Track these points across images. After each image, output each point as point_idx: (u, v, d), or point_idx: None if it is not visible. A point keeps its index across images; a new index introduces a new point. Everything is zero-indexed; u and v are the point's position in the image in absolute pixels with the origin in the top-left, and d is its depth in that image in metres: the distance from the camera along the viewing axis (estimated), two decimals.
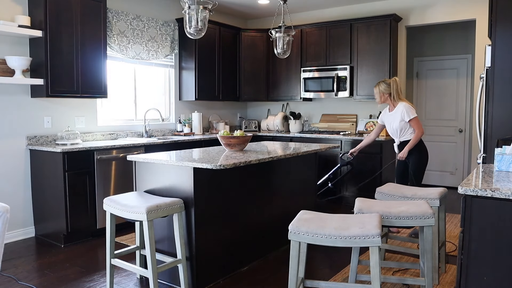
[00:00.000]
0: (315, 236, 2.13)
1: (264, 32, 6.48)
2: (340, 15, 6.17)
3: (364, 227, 2.12)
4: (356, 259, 2.66)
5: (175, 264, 2.81)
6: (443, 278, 3.15)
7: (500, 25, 3.01)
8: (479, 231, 1.87)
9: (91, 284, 3.09)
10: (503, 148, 2.40)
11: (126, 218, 2.73)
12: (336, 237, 2.10)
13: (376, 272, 2.10)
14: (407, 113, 4.02)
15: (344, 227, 2.15)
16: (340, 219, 2.30)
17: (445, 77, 6.77)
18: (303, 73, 6.12)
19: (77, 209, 4.02)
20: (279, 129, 6.50)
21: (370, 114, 5.99)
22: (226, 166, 2.79)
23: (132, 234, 4.26)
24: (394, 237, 3.37)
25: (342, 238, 2.10)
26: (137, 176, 3.25)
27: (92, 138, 4.77)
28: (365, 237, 2.07)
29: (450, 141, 6.79)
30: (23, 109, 4.17)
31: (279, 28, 4.52)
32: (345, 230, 2.12)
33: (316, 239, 2.14)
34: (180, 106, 6.01)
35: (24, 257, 3.65)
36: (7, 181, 4.06)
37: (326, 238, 2.12)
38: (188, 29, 3.06)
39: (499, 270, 1.83)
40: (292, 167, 3.95)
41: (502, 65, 3.03)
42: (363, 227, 2.13)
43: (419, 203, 2.69)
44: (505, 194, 1.77)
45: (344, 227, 2.15)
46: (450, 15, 5.42)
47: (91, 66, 4.38)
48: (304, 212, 2.45)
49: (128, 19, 5.07)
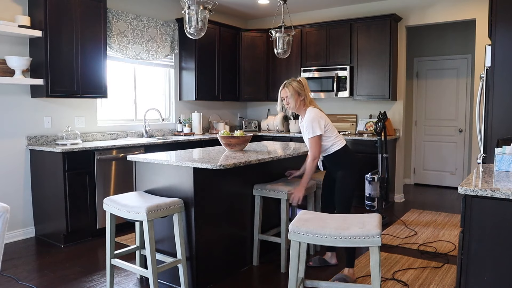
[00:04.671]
0: (315, 236, 2.14)
1: (264, 32, 6.48)
2: (340, 15, 6.17)
3: (364, 227, 2.13)
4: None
5: (175, 264, 2.81)
6: (443, 278, 3.15)
7: (500, 25, 3.01)
8: (479, 231, 1.87)
9: (91, 284, 3.08)
10: (503, 148, 2.40)
11: (126, 218, 2.73)
12: (336, 237, 2.11)
13: (376, 272, 2.10)
14: (309, 126, 3.04)
15: (344, 227, 2.15)
16: (340, 219, 2.31)
17: (445, 77, 6.77)
18: (303, 73, 6.11)
19: (77, 209, 4.02)
20: (279, 129, 6.50)
21: (370, 114, 5.99)
22: (226, 166, 2.79)
23: (132, 234, 4.26)
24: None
25: (342, 238, 2.10)
26: (137, 176, 3.25)
27: (92, 138, 4.77)
28: (365, 237, 2.08)
29: (450, 141, 6.79)
30: (23, 109, 4.17)
31: (279, 28, 4.53)
32: (345, 230, 2.13)
33: (316, 239, 2.14)
34: (180, 106, 6.01)
35: (24, 257, 3.65)
36: (7, 181, 4.06)
37: (326, 238, 2.13)
38: (188, 29, 3.06)
39: (499, 270, 1.83)
40: (292, 167, 3.95)
41: (502, 65, 3.03)
42: (363, 227, 2.14)
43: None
44: (505, 194, 1.77)
45: (344, 227, 2.15)
46: (450, 15, 5.42)
47: (91, 66, 4.38)
48: (304, 212, 2.45)
49: (128, 19, 5.07)
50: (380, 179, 4.56)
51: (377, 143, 4.83)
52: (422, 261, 3.49)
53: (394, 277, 3.15)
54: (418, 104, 7.03)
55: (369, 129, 5.73)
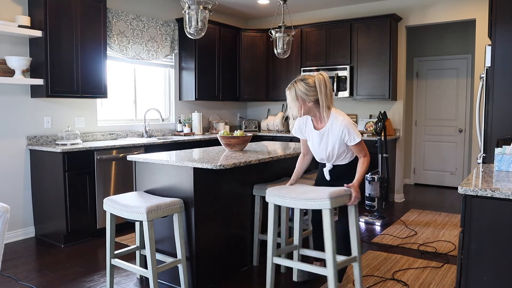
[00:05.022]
0: (283, 198, 2.68)
1: (264, 32, 6.48)
2: (340, 15, 6.17)
3: (318, 194, 2.57)
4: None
5: (175, 264, 2.81)
6: (443, 278, 3.15)
7: (500, 25, 3.01)
8: (479, 231, 1.87)
9: (91, 284, 3.09)
10: (503, 148, 2.40)
11: (126, 218, 2.73)
12: (296, 199, 2.61)
13: (329, 233, 2.51)
14: (352, 132, 2.68)
15: (304, 193, 2.64)
16: (302, 189, 2.77)
17: (445, 77, 6.77)
18: (303, 73, 6.11)
19: (77, 209, 4.02)
20: (279, 129, 6.50)
21: (370, 114, 5.99)
22: (226, 166, 2.79)
23: (132, 234, 4.26)
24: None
25: (301, 200, 2.59)
26: (137, 176, 3.25)
27: (92, 138, 4.77)
28: (318, 199, 2.53)
29: (450, 141, 6.79)
30: (23, 109, 4.17)
31: (279, 28, 4.53)
32: (304, 194, 2.61)
33: (283, 200, 2.67)
34: (180, 106, 6.01)
35: (24, 257, 3.65)
36: (7, 181, 4.06)
37: (290, 200, 2.64)
38: (188, 29, 3.06)
39: (499, 270, 1.83)
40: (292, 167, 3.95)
41: (502, 65, 3.03)
42: (317, 194, 2.58)
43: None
44: (505, 194, 1.77)
45: (304, 193, 2.64)
46: (450, 15, 5.42)
47: (91, 66, 4.38)
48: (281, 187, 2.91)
49: (128, 19, 5.07)
50: (380, 179, 4.56)
51: (377, 143, 4.83)
52: (422, 261, 3.49)
53: (394, 277, 3.15)
54: (418, 104, 7.03)
55: (369, 129, 5.74)
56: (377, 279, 3.12)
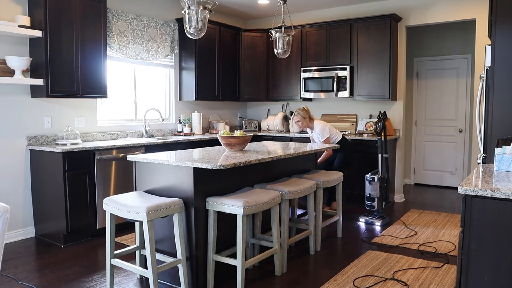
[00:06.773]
0: (120, 209, 2.99)
1: (264, 32, 6.48)
2: (340, 15, 6.17)
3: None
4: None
5: (175, 264, 2.82)
6: (443, 278, 3.15)
7: (500, 25, 3.01)
8: (479, 231, 1.87)
9: (91, 284, 3.09)
10: (503, 148, 2.40)
11: (126, 218, 2.73)
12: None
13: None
14: (321, 134, 4.84)
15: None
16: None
17: (445, 77, 6.77)
18: (303, 73, 6.12)
19: (77, 209, 4.02)
20: (279, 129, 6.50)
21: (370, 114, 5.99)
22: (226, 166, 2.79)
23: (132, 234, 4.26)
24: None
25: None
26: (137, 176, 3.25)
27: (92, 138, 4.77)
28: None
29: (450, 141, 6.79)
30: (23, 109, 4.17)
31: (279, 28, 4.52)
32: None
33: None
34: (180, 106, 6.01)
35: (24, 257, 3.65)
36: (7, 181, 4.06)
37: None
38: (188, 29, 3.06)
39: (499, 270, 1.83)
40: (292, 167, 3.95)
41: (502, 65, 3.03)
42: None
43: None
44: (505, 194, 1.77)
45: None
46: (450, 15, 5.42)
47: (91, 66, 4.38)
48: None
49: (128, 19, 5.07)
50: (380, 179, 4.56)
51: (377, 143, 4.83)
52: (422, 261, 3.49)
53: (394, 277, 3.15)
54: (418, 104, 7.03)
55: (369, 129, 5.74)
56: (377, 279, 3.13)
